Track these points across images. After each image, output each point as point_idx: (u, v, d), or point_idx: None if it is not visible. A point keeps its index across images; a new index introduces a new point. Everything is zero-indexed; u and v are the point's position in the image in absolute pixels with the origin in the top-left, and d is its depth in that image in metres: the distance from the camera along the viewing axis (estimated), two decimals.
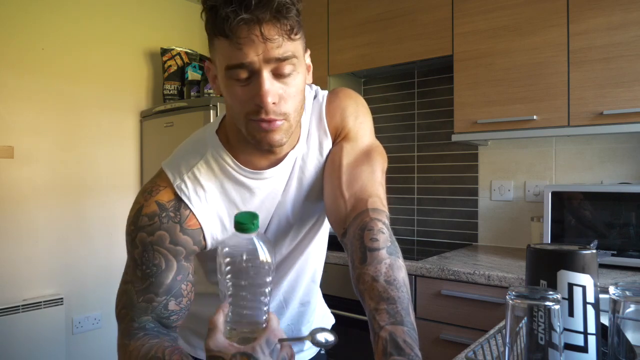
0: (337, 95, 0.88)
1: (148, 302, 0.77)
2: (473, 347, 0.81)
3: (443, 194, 2.38)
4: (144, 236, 0.77)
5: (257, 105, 0.68)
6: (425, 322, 1.75)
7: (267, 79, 0.67)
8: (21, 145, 2.24)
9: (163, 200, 0.78)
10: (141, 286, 0.77)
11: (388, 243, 0.72)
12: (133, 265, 0.78)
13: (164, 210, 0.77)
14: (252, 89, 0.68)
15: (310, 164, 0.85)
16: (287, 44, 0.67)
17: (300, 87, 0.72)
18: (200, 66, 2.72)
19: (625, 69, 1.62)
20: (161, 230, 0.76)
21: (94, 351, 2.47)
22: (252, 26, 0.64)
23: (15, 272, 2.21)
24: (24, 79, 2.25)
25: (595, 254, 0.62)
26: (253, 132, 0.71)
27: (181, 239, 0.77)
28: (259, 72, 0.67)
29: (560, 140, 2.05)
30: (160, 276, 0.76)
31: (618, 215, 1.65)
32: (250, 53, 0.65)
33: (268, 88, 0.67)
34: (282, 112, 0.70)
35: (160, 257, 0.76)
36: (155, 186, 0.80)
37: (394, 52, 2.16)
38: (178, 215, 0.77)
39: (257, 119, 0.69)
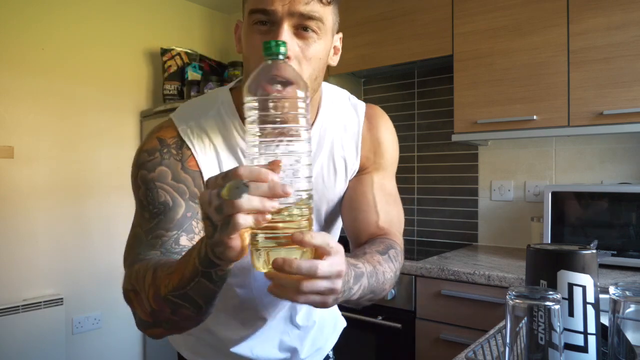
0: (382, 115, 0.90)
1: (157, 238, 0.71)
2: (473, 347, 0.81)
3: (443, 194, 2.38)
4: (144, 174, 0.73)
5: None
6: (425, 322, 1.75)
7: (286, 31, 0.65)
8: (21, 145, 2.24)
9: (165, 136, 0.76)
10: (149, 225, 0.72)
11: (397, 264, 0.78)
12: (140, 209, 0.74)
13: (165, 146, 0.75)
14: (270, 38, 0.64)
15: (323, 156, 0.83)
16: (316, 5, 0.66)
17: (320, 55, 0.70)
18: (200, 66, 2.72)
19: (625, 69, 1.62)
20: (162, 166, 0.74)
21: (94, 351, 2.47)
22: None
23: (15, 272, 2.21)
24: (24, 79, 2.25)
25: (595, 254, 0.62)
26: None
27: (183, 176, 0.74)
28: (280, 23, 0.65)
29: (560, 140, 2.05)
30: (169, 213, 0.72)
31: (618, 215, 1.65)
32: (276, 1, 0.64)
33: (285, 39, 0.64)
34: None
35: (166, 195, 0.73)
36: (159, 126, 0.78)
37: (394, 52, 2.16)
38: (180, 153, 0.75)
39: None
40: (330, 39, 0.72)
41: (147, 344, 2.69)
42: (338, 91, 0.89)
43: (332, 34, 0.72)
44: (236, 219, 0.47)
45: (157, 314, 0.64)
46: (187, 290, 0.58)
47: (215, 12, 3.13)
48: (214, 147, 0.77)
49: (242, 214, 0.47)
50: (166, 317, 0.63)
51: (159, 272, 0.63)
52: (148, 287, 0.63)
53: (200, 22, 3.04)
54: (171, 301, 0.61)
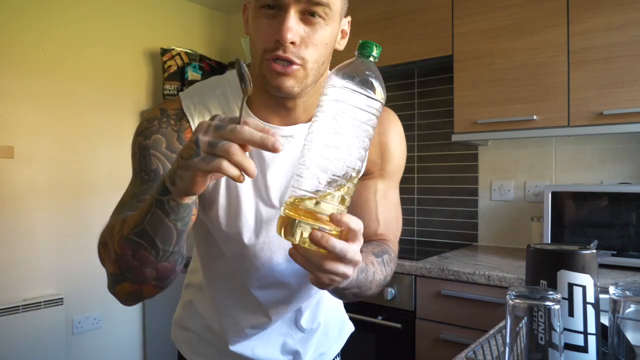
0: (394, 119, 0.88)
1: (141, 202, 0.70)
2: (473, 347, 0.81)
3: (443, 194, 2.38)
4: (141, 140, 0.75)
5: (276, 42, 0.66)
6: (425, 322, 1.75)
7: (292, 17, 0.65)
8: (21, 145, 2.24)
9: (167, 107, 0.77)
10: (137, 190, 0.73)
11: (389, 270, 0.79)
12: (133, 177, 0.76)
13: (164, 116, 0.76)
14: (276, 24, 0.66)
15: None
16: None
17: (327, 40, 0.70)
18: (200, 66, 2.72)
19: (625, 69, 1.62)
20: (158, 134, 0.74)
21: (94, 351, 2.47)
22: None
23: (15, 272, 2.21)
24: (24, 79, 2.25)
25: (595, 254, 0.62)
26: (265, 72, 0.69)
27: (177, 146, 0.75)
28: (286, 8, 0.65)
29: (560, 140, 2.05)
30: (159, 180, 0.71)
31: (618, 215, 1.65)
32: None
33: (291, 25, 0.65)
34: (300, 55, 0.67)
35: (158, 163, 0.73)
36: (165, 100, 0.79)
37: (394, 52, 2.16)
38: (178, 124, 0.76)
39: (273, 57, 0.67)
40: (338, 24, 0.73)
41: (147, 344, 2.69)
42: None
43: (340, 18, 0.72)
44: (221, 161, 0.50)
45: (121, 261, 0.64)
46: (145, 224, 0.60)
47: (215, 12, 3.13)
48: None
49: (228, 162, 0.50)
50: (128, 262, 0.63)
51: (128, 218, 0.64)
52: (116, 233, 0.64)
53: (200, 22, 3.04)
54: (131, 240, 0.62)
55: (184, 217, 0.60)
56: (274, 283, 0.86)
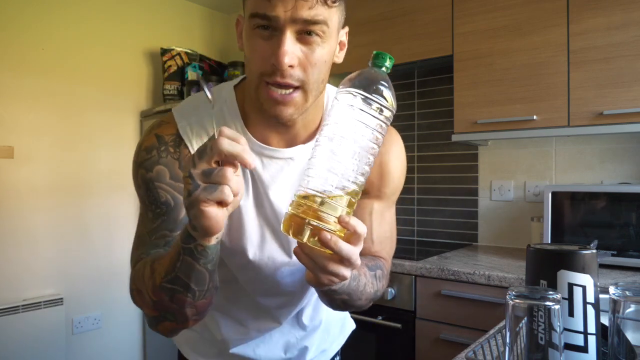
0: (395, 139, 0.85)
1: (161, 238, 0.72)
2: (473, 347, 0.81)
3: (443, 194, 2.38)
4: (143, 173, 0.74)
5: (273, 66, 0.63)
6: (425, 322, 1.75)
7: (288, 39, 0.62)
8: (21, 145, 2.24)
9: (163, 134, 0.74)
10: (153, 226, 0.73)
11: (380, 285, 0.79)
12: (144, 208, 0.75)
13: (162, 144, 0.74)
14: (272, 46, 0.63)
15: None
16: (320, 8, 0.62)
17: (325, 58, 0.67)
18: (200, 66, 2.72)
19: (625, 69, 1.62)
20: (159, 164, 0.73)
21: (94, 351, 2.47)
22: None
23: (15, 272, 2.21)
24: (24, 79, 2.25)
25: (595, 254, 0.62)
26: (263, 98, 0.67)
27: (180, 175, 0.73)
28: (282, 29, 0.62)
29: (560, 140, 2.05)
30: (172, 213, 0.73)
31: (618, 215, 1.65)
32: (277, 6, 0.61)
33: (287, 48, 0.62)
34: (299, 78, 0.65)
35: (166, 195, 0.73)
36: (159, 122, 0.77)
37: (394, 52, 2.16)
38: (177, 152, 0.74)
39: (271, 82, 0.64)
40: (336, 39, 0.70)
41: (147, 344, 2.69)
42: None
43: (337, 33, 0.70)
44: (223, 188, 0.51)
45: (159, 306, 0.65)
46: (176, 271, 0.60)
47: (215, 12, 3.13)
48: None
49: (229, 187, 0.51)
50: (166, 306, 0.64)
51: (155, 265, 0.65)
52: (147, 280, 0.65)
53: (200, 22, 3.04)
54: (166, 288, 0.62)
55: (213, 258, 0.60)
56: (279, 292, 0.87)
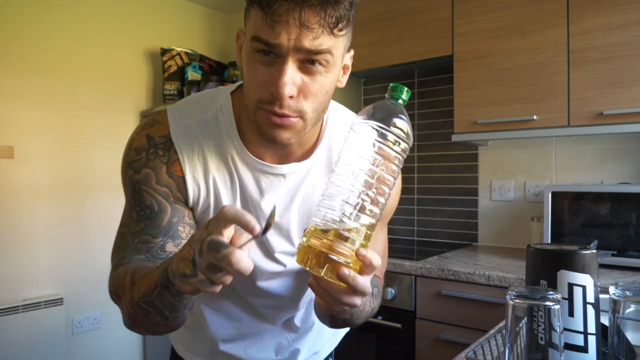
0: None
1: (143, 243, 0.73)
2: (473, 347, 0.81)
3: (443, 194, 2.38)
4: (131, 174, 0.73)
5: (272, 94, 0.61)
6: (425, 322, 1.75)
7: (290, 69, 0.60)
8: (21, 145, 2.24)
9: (154, 134, 0.73)
10: (136, 228, 0.74)
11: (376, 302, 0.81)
12: (128, 207, 0.75)
13: (152, 146, 0.73)
14: (272, 73, 0.61)
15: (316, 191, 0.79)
16: (325, 38, 0.59)
17: (327, 88, 0.65)
18: (200, 66, 2.72)
19: (625, 69, 1.62)
20: (147, 167, 0.73)
21: (94, 351, 2.47)
22: (293, 7, 0.57)
23: (15, 272, 2.21)
24: (24, 79, 2.25)
25: (595, 254, 0.62)
26: (260, 122, 0.65)
27: (167, 181, 0.73)
28: (284, 57, 0.60)
29: (560, 140, 2.05)
30: (156, 218, 0.73)
31: (618, 215, 1.65)
32: (281, 34, 0.58)
33: (288, 80, 0.60)
34: (298, 108, 0.63)
35: (151, 199, 0.73)
36: (152, 121, 0.75)
37: (394, 52, 2.16)
38: (166, 155, 0.73)
39: (269, 109, 0.63)
40: (340, 66, 0.67)
41: (147, 344, 2.69)
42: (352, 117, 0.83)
43: (342, 60, 0.67)
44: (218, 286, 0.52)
45: (134, 318, 0.67)
46: (153, 298, 0.62)
47: (215, 12, 3.13)
48: (203, 155, 0.74)
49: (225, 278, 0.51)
50: (141, 321, 0.66)
51: (135, 277, 0.66)
52: (127, 290, 0.67)
53: (200, 22, 3.04)
54: (142, 307, 0.64)
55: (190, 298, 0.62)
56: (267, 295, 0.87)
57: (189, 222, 0.76)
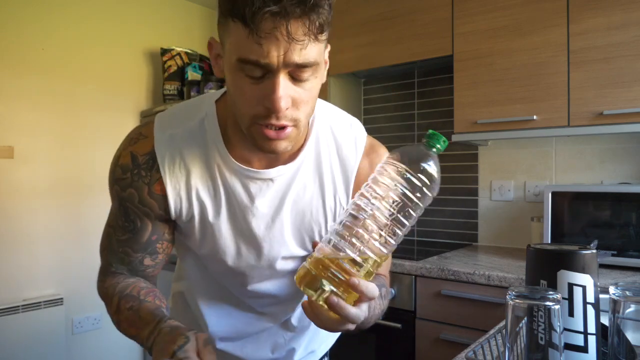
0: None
1: (125, 255, 0.80)
2: (473, 347, 0.81)
3: (443, 194, 2.38)
4: (118, 190, 0.78)
5: (267, 109, 0.61)
6: (425, 322, 1.75)
7: (282, 82, 0.59)
8: (21, 145, 2.24)
9: (138, 153, 0.76)
10: (121, 237, 0.80)
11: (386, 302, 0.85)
12: (115, 213, 0.81)
13: (136, 166, 0.76)
14: (264, 89, 0.60)
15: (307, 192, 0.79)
16: (311, 47, 0.59)
17: (316, 91, 0.66)
18: (200, 66, 2.72)
19: (625, 69, 1.62)
20: (132, 188, 0.77)
21: (94, 351, 2.47)
22: (279, 21, 0.55)
23: (15, 272, 2.21)
24: (24, 79, 2.25)
25: (595, 254, 0.62)
26: (256, 136, 0.65)
27: (148, 201, 0.76)
28: (275, 73, 0.59)
29: (560, 140, 2.05)
30: (137, 234, 0.79)
31: (618, 215, 1.65)
32: (271, 52, 0.57)
33: (282, 94, 0.59)
34: (293, 117, 0.63)
35: (135, 216, 0.78)
36: (138, 135, 0.78)
37: (394, 52, 2.16)
38: (148, 176, 0.76)
39: (265, 124, 0.63)
40: (324, 68, 0.68)
41: None
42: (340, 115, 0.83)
43: (325, 60, 0.67)
44: None
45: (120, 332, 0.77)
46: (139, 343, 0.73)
47: (215, 12, 3.12)
48: (186, 167, 0.75)
49: None
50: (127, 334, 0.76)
51: (122, 305, 0.76)
52: (114, 313, 0.77)
53: (200, 22, 3.04)
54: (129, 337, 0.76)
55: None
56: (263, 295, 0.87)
57: (167, 239, 0.82)
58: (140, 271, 0.82)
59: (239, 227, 0.78)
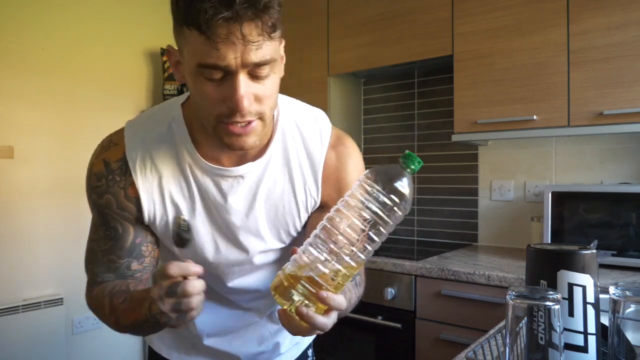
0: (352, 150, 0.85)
1: (111, 262, 0.80)
2: (473, 347, 0.81)
3: (443, 194, 2.38)
4: (95, 198, 0.79)
5: (230, 108, 0.64)
6: (425, 322, 1.75)
7: (242, 82, 0.62)
8: (21, 145, 2.24)
9: (110, 159, 0.78)
10: (105, 246, 0.80)
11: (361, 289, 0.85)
12: (95, 224, 0.81)
13: (110, 172, 0.78)
14: (225, 90, 0.63)
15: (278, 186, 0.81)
16: (267, 46, 0.62)
17: (276, 86, 0.69)
18: None
19: (625, 69, 1.62)
20: (108, 194, 0.78)
21: (94, 351, 2.47)
22: (233, 25, 0.58)
23: (15, 272, 2.21)
24: (24, 79, 2.25)
25: (595, 254, 0.62)
26: (222, 135, 0.67)
27: (126, 205, 0.78)
28: (234, 74, 0.62)
29: (560, 140, 2.05)
30: (120, 240, 0.79)
31: (618, 215, 1.65)
32: (228, 55, 0.60)
33: (244, 93, 0.62)
34: (258, 111, 0.66)
35: (115, 222, 0.79)
36: (109, 142, 0.80)
37: (394, 52, 2.16)
38: (123, 180, 0.78)
39: (230, 122, 0.65)
40: (281, 63, 0.70)
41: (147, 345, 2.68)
42: (304, 109, 0.85)
43: (281, 56, 0.70)
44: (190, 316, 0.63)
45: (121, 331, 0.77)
46: (143, 327, 0.72)
47: None
48: (157, 169, 0.77)
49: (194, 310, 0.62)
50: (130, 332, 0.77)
51: (115, 302, 0.75)
52: (108, 314, 0.76)
53: None
54: (132, 329, 0.75)
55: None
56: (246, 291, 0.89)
57: (151, 241, 0.82)
58: (128, 276, 0.81)
59: (215, 224, 0.80)
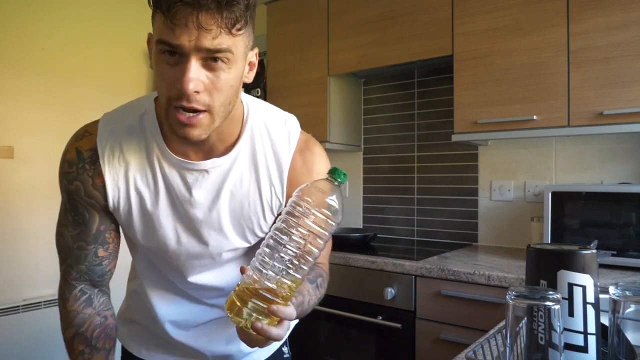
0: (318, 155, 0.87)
1: (81, 250, 0.84)
2: (473, 347, 0.81)
3: (443, 194, 2.38)
4: (66, 184, 0.83)
5: (178, 91, 0.66)
6: (425, 322, 1.75)
7: (193, 66, 0.65)
8: (21, 145, 2.24)
9: (82, 148, 0.81)
10: (74, 232, 0.84)
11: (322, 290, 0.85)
12: (64, 209, 0.85)
13: (80, 161, 0.81)
14: (177, 72, 0.66)
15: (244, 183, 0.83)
16: (224, 37, 0.65)
17: (232, 83, 0.70)
18: None
19: (625, 69, 1.62)
20: (77, 180, 0.81)
21: None
22: (191, 11, 0.62)
23: (15, 272, 2.21)
24: (24, 79, 2.25)
25: (595, 254, 0.62)
26: (171, 121, 0.70)
27: (93, 192, 0.82)
28: (187, 57, 0.65)
29: (560, 140, 2.05)
30: (87, 226, 0.83)
31: (618, 215, 1.65)
32: (182, 37, 0.63)
33: (192, 76, 0.65)
34: (204, 102, 0.68)
35: (82, 208, 0.83)
36: (84, 132, 0.84)
37: (394, 52, 2.16)
38: (92, 169, 0.81)
39: (177, 105, 0.68)
40: (243, 63, 0.72)
41: None
42: (275, 112, 0.87)
43: (244, 57, 0.72)
44: None
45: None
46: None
47: None
48: (125, 159, 0.80)
49: None
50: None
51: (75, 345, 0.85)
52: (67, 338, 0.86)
53: None
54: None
55: None
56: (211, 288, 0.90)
57: (114, 228, 0.87)
58: (96, 266, 0.86)
59: (178, 215, 0.83)
